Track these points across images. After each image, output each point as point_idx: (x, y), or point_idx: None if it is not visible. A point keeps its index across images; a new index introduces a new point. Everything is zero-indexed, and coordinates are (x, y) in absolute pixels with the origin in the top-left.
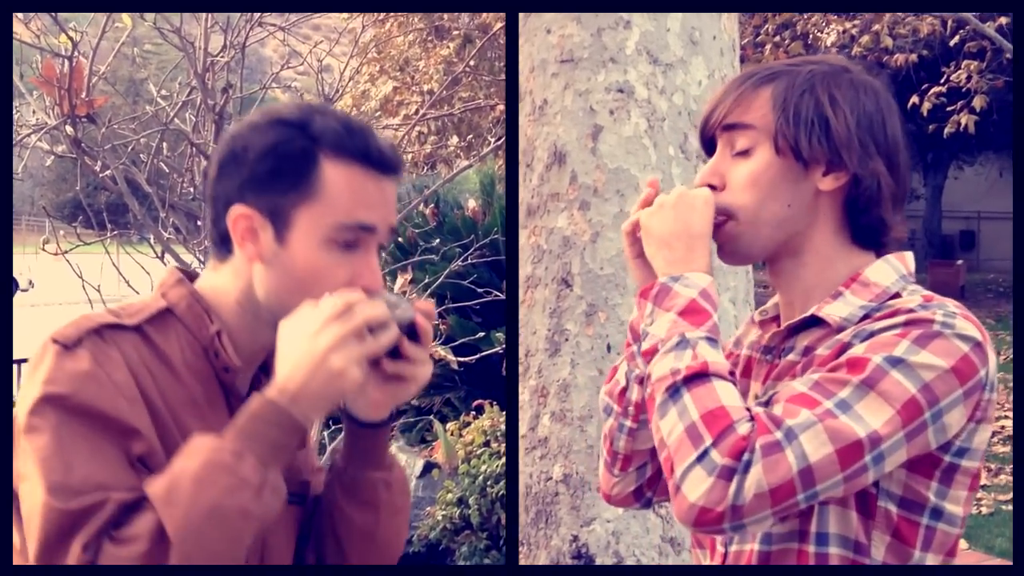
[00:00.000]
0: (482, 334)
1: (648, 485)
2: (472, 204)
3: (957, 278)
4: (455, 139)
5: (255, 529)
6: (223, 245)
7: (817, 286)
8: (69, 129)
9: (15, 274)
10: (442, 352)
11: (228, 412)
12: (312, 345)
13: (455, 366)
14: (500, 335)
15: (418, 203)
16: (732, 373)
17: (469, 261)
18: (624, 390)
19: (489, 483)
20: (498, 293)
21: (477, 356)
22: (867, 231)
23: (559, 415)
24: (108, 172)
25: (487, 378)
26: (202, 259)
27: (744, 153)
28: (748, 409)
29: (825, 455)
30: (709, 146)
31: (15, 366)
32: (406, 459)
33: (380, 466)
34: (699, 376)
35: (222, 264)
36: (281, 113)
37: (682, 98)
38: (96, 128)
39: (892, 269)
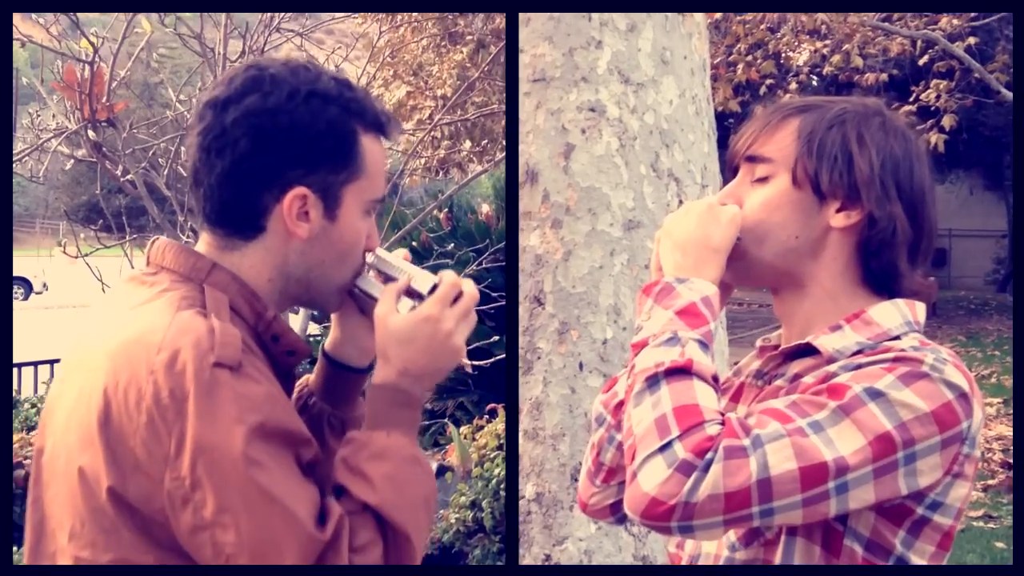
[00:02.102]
0: (496, 338)
1: None
2: (485, 209)
3: (928, 297)
4: (468, 144)
5: None
6: (248, 225)
7: (818, 319)
8: (90, 133)
9: (30, 276)
10: None
11: (286, 390)
12: (436, 328)
13: (469, 370)
14: None
15: (432, 208)
16: (716, 379)
17: (483, 266)
18: (621, 403)
19: (502, 486)
20: (505, 291)
21: (491, 360)
22: (877, 275)
23: (531, 433)
24: (128, 176)
25: (500, 382)
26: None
27: (763, 180)
28: (722, 413)
29: (787, 470)
30: (733, 172)
31: (31, 368)
32: None
33: (359, 406)
34: (681, 371)
35: (247, 243)
36: (313, 85)
37: (653, 117)
38: (116, 132)
39: (899, 313)
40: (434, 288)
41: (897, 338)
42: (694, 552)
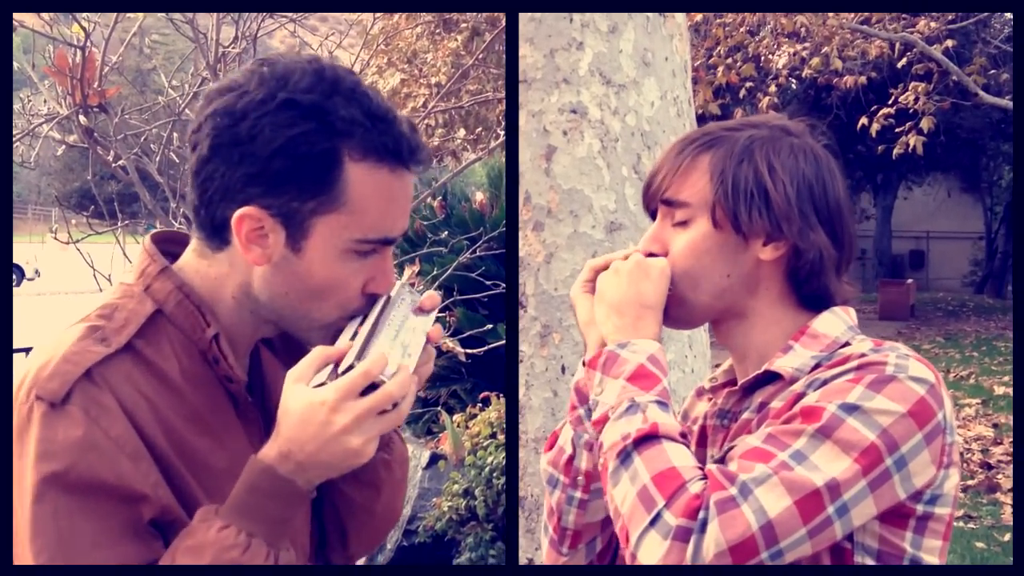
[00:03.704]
0: (489, 326)
1: (599, 560)
2: (480, 197)
3: (907, 297)
4: (463, 132)
5: None
6: (216, 234)
7: (768, 343)
8: (82, 119)
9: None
10: (449, 344)
11: (235, 414)
12: (328, 419)
13: (462, 358)
14: None
15: (426, 196)
16: (684, 436)
17: (476, 254)
18: (571, 458)
19: (495, 475)
20: (505, 286)
21: (484, 348)
22: (810, 298)
23: None
24: (120, 162)
25: (494, 370)
26: None
27: (683, 223)
28: (701, 468)
29: (784, 508)
30: (652, 213)
31: (22, 354)
32: (413, 450)
33: (380, 447)
34: (648, 438)
35: (215, 253)
36: (294, 93)
37: (635, 119)
38: (108, 118)
39: (840, 320)
40: (347, 369)
41: (847, 344)
42: None
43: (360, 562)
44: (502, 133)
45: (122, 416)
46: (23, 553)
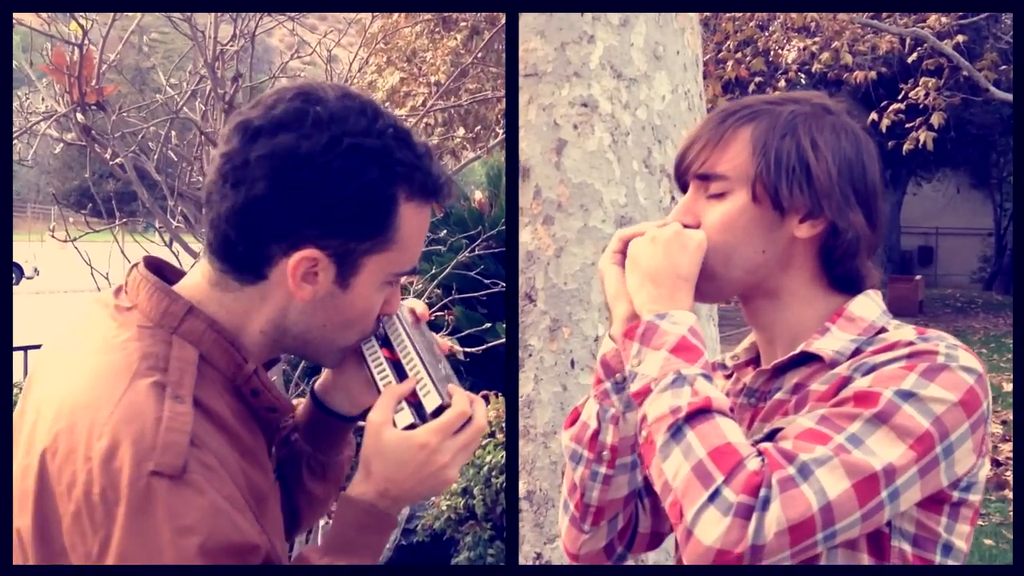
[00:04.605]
0: (488, 325)
1: (619, 539)
2: (479, 195)
3: (916, 293)
4: (462, 131)
5: None
6: (251, 269)
7: (800, 324)
8: (79, 116)
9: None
10: (448, 343)
11: (265, 441)
12: (429, 459)
13: (461, 357)
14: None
15: None
16: (733, 411)
17: (475, 252)
18: (596, 433)
19: (494, 473)
20: (504, 284)
21: (483, 347)
22: (843, 280)
23: (523, 431)
24: (118, 160)
25: (492, 369)
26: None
27: (719, 196)
28: (754, 445)
29: (843, 491)
30: (683, 185)
31: (22, 353)
32: None
33: (345, 448)
34: (702, 412)
35: (243, 287)
36: (356, 137)
37: (646, 112)
38: (105, 116)
39: (875, 304)
40: (439, 410)
41: (883, 329)
42: None
43: None
44: (501, 132)
45: (224, 473)
46: None
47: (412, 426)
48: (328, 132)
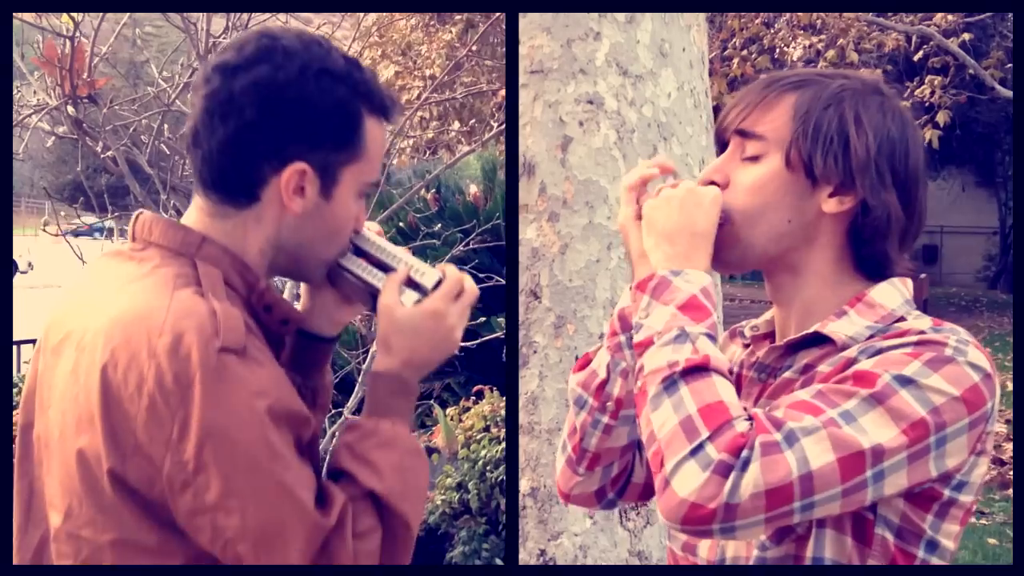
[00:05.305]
0: (483, 319)
1: (612, 485)
2: (473, 189)
3: (920, 292)
4: (457, 124)
5: None
6: (245, 192)
7: (818, 304)
8: (71, 110)
9: (15, 256)
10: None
11: (279, 360)
12: (439, 324)
13: (456, 351)
14: (501, 320)
15: (419, 188)
16: (731, 372)
17: (470, 246)
18: (604, 383)
19: (488, 468)
20: (499, 279)
21: (478, 341)
22: (869, 263)
23: (527, 428)
24: (109, 153)
25: (487, 363)
26: None
27: (753, 159)
28: (746, 409)
29: (827, 463)
30: (722, 146)
31: (16, 347)
32: None
33: (327, 373)
34: (699, 369)
35: (239, 212)
36: (324, 63)
37: (651, 110)
38: (97, 109)
39: (898, 292)
40: (439, 283)
41: (902, 318)
42: (713, 557)
43: None
44: (496, 125)
45: (272, 357)
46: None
47: (418, 302)
48: (298, 60)
